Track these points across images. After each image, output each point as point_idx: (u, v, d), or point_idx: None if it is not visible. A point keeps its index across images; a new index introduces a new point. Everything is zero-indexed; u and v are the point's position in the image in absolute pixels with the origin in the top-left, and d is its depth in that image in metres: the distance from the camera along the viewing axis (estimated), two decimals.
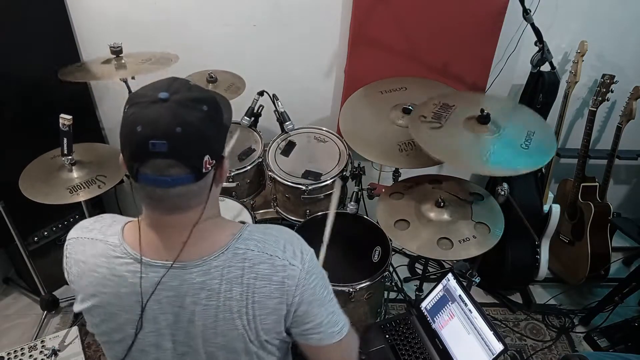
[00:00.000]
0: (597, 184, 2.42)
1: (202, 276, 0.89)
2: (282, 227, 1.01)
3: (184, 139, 0.80)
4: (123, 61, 1.90)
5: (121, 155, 0.86)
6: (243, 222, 1.01)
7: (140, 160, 0.81)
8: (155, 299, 0.90)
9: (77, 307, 0.98)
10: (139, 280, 0.89)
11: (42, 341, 1.95)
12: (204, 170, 0.84)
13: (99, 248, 0.92)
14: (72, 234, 0.98)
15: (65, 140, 1.75)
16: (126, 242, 0.92)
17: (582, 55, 2.18)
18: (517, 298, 2.57)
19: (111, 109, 2.48)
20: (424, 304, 1.85)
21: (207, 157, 0.83)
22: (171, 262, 0.89)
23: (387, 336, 1.82)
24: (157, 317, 0.92)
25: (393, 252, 1.97)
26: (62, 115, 1.69)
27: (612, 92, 2.23)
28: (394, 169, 2.17)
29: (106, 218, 0.99)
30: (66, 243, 0.97)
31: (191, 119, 0.80)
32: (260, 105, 2.18)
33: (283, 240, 0.95)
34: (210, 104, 0.84)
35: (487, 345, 1.58)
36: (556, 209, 2.37)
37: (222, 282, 0.89)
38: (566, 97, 2.28)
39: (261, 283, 0.90)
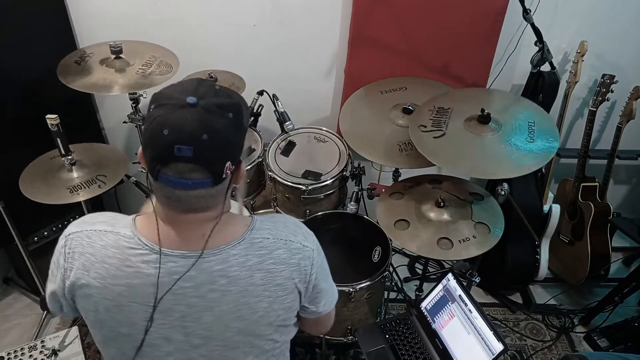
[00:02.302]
0: (597, 184, 2.42)
1: (221, 264, 0.91)
2: (282, 214, 1.05)
3: (210, 145, 0.82)
4: (123, 59, 1.90)
5: (141, 149, 0.88)
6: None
7: (163, 162, 0.82)
8: (171, 290, 0.90)
9: (77, 302, 0.95)
10: (155, 271, 0.89)
11: (42, 341, 1.95)
12: (224, 175, 0.86)
13: (109, 239, 0.91)
14: (72, 228, 0.95)
15: (58, 140, 1.74)
16: (141, 233, 0.91)
17: (582, 55, 2.17)
18: (517, 298, 2.57)
19: (112, 110, 2.48)
20: (424, 304, 1.85)
21: (228, 163, 0.86)
22: (189, 253, 0.90)
23: (387, 336, 1.82)
24: (170, 309, 0.92)
25: (393, 252, 1.97)
26: (47, 116, 1.67)
27: (612, 92, 2.23)
28: (394, 169, 2.17)
29: (106, 214, 0.98)
30: (65, 240, 0.94)
31: (217, 126, 0.82)
32: (260, 105, 2.18)
33: (291, 225, 1.01)
34: (235, 111, 0.86)
35: (487, 345, 1.58)
36: (556, 209, 2.37)
37: (242, 269, 0.92)
38: (566, 97, 2.28)
39: (281, 267, 0.95)
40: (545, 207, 2.39)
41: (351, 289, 1.77)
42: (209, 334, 0.95)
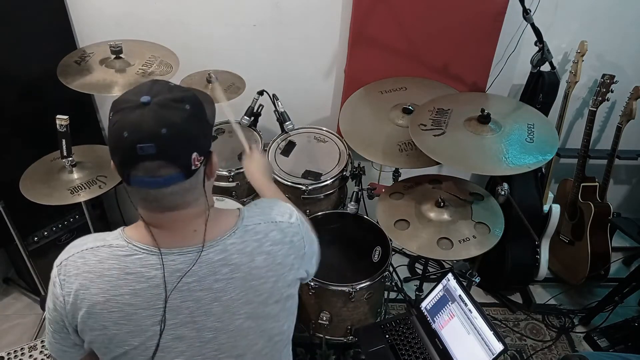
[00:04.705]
0: (597, 184, 2.42)
1: (221, 254, 0.93)
2: (262, 199, 1.11)
3: (170, 139, 0.82)
4: (123, 59, 1.90)
5: (112, 161, 0.88)
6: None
7: (130, 165, 0.83)
8: (176, 288, 0.91)
9: (85, 329, 0.92)
10: (156, 272, 0.90)
11: (42, 341, 1.95)
12: (193, 167, 0.87)
13: (104, 253, 0.92)
14: (63, 256, 0.95)
15: (63, 141, 1.75)
16: (134, 239, 0.92)
17: (582, 55, 2.17)
18: (517, 298, 2.57)
19: None
20: (424, 304, 1.85)
21: (195, 155, 0.86)
22: (186, 249, 0.91)
23: (387, 336, 1.82)
24: (179, 307, 0.92)
25: (393, 252, 1.97)
26: (58, 116, 1.68)
27: (612, 92, 2.23)
28: (394, 169, 2.17)
29: (92, 234, 0.98)
30: (57, 269, 0.94)
31: (175, 119, 0.83)
32: (260, 105, 2.18)
33: (275, 207, 1.06)
34: (192, 103, 0.87)
35: (487, 345, 1.58)
36: (556, 209, 2.37)
37: (243, 256, 0.95)
38: (566, 97, 2.28)
39: (278, 247, 1.00)
40: (545, 207, 2.39)
41: (351, 289, 1.77)
42: (219, 325, 0.96)
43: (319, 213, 2.03)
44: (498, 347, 1.55)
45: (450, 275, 1.77)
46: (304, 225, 1.08)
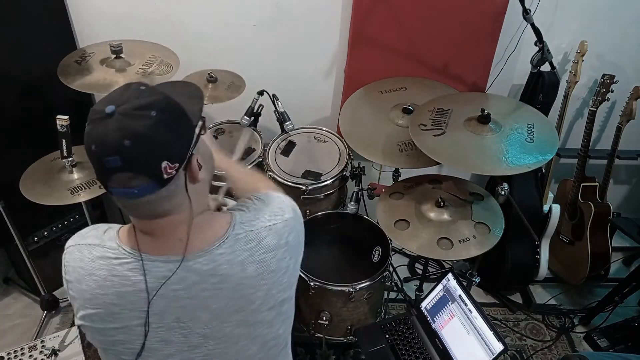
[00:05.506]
0: (597, 184, 2.42)
1: (209, 264, 0.92)
2: (255, 199, 1.04)
3: (135, 150, 0.80)
4: (123, 59, 1.90)
5: None
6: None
7: (103, 177, 0.84)
8: (162, 294, 0.91)
9: (78, 316, 0.97)
10: (142, 277, 0.90)
11: (42, 341, 1.95)
12: (165, 176, 0.83)
13: (96, 252, 0.93)
14: (70, 242, 0.99)
15: (64, 141, 1.75)
16: (124, 243, 0.93)
17: (582, 55, 2.17)
18: (517, 298, 2.57)
19: None
20: (424, 304, 1.85)
21: (165, 163, 0.82)
22: (171, 257, 0.91)
23: (387, 336, 1.82)
24: (165, 312, 0.92)
25: (393, 252, 1.97)
26: (58, 116, 1.69)
27: (612, 92, 2.23)
28: (394, 169, 2.17)
29: (102, 226, 1.00)
30: (64, 253, 0.98)
31: (138, 129, 0.80)
32: (260, 105, 2.18)
33: (269, 205, 1.01)
34: (160, 108, 0.82)
35: (487, 345, 1.58)
36: (556, 209, 2.37)
37: (232, 266, 0.92)
38: (566, 97, 2.28)
39: (272, 254, 0.96)
40: (545, 207, 2.39)
41: (351, 289, 1.77)
42: (208, 332, 0.95)
43: (319, 213, 2.03)
44: (498, 347, 1.55)
45: (450, 275, 1.77)
46: (296, 216, 1.03)
